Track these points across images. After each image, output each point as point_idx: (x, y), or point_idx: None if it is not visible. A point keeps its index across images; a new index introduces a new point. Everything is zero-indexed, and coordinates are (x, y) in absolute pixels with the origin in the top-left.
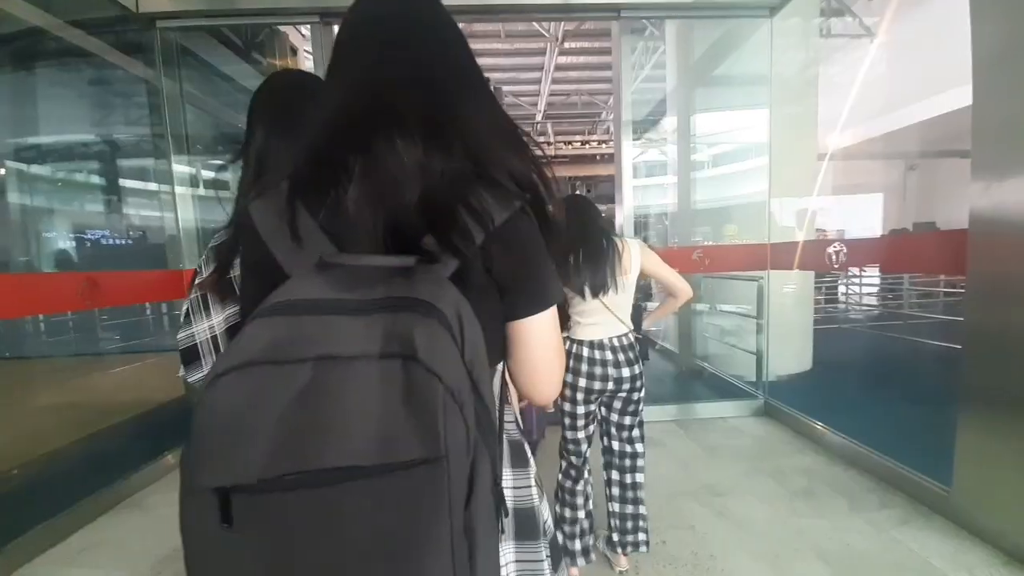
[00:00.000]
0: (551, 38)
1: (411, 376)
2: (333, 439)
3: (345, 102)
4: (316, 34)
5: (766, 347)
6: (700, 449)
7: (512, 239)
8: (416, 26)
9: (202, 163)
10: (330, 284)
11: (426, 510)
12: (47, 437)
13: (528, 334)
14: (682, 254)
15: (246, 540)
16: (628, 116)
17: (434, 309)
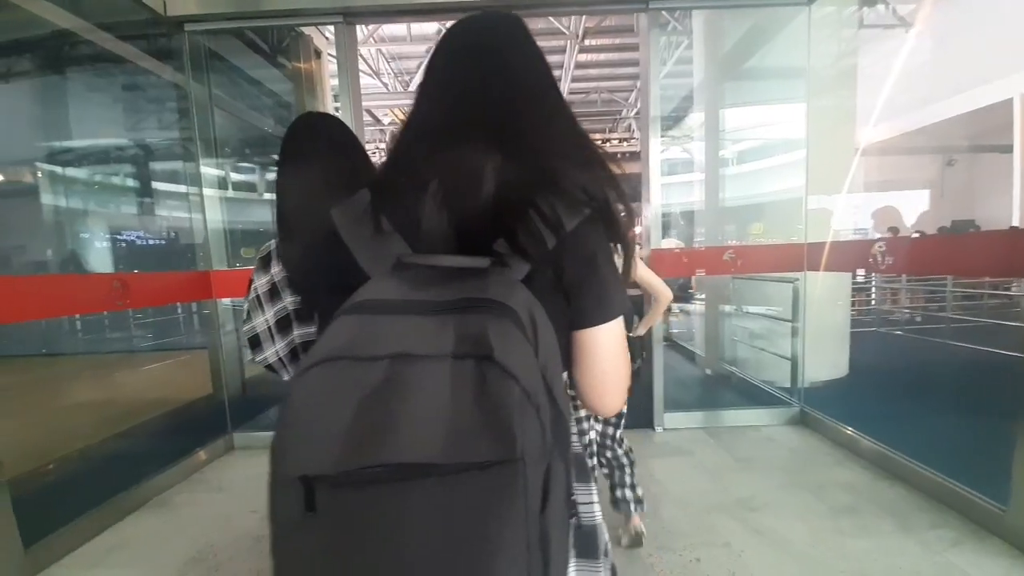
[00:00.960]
0: (571, 35)
1: (486, 376)
2: (406, 435)
3: (429, 117)
4: (340, 35)
5: (802, 352)
6: (732, 460)
7: (581, 246)
8: (500, 52)
9: (231, 166)
10: (406, 284)
11: (500, 513)
12: (76, 435)
13: (595, 343)
14: (712, 254)
15: (327, 528)
16: (656, 111)
17: (508, 309)
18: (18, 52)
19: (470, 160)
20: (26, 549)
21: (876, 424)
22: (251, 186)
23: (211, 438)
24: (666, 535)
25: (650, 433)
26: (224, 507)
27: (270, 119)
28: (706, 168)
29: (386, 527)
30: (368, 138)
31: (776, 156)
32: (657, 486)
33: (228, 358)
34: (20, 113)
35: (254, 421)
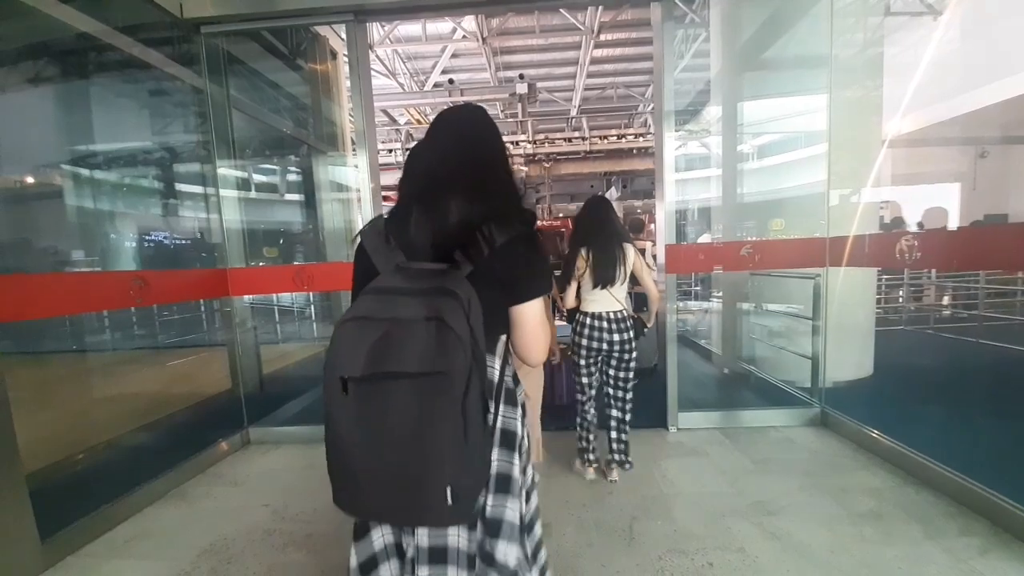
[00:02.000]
0: (587, 30)
1: (439, 330)
2: (395, 357)
3: (419, 172)
4: (351, 33)
5: (823, 350)
6: (749, 462)
7: (507, 255)
8: (467, 131)
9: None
10: (400, 278)
11: (441, 396)
12: (100, 429)
13: (520, 315)
14: (729, 250)
15: (355, 402)
16: (670, 105)
17: (454, 293)
18: (36, 56)
19: (442, 202)
20: (43, 540)
21: (902, 426)
22: (273, 187)
23: (228, 433)
24: (678, 538)
25: (663, 433)
26: (238, 501)
27: (288, 121)
28: (723, 163)
29: (384, 400)
30: (384, 138)
31: (797, 150)
32: (670, 487)
33: (246, 355)
34: (39, 117)
35: (270, 417)
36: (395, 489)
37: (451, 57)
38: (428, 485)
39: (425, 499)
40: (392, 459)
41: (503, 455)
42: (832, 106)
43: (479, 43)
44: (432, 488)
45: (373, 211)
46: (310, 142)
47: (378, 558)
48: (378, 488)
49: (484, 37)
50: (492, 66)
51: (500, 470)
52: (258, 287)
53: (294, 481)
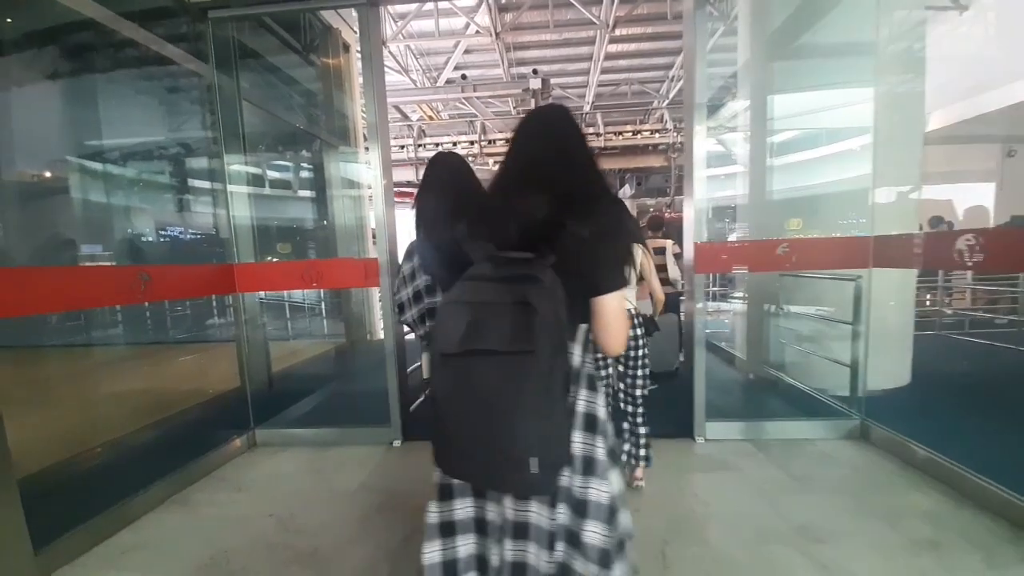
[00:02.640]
0: (602, 25)
1: (525, 312)
2: (485, 337)
3: (509, 172)
4: (364, 18)
5: (864, 357)
6: (787, 478)
7: (590, 249)
8: (553, 134)
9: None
10: (490, 266)
11: (528, 374)
12: (99, 429)
13: (600, 307)
14: (763, 248)
15: (451, 375)
16: (702, 98)
17: (539, 279)
18: (39, 43)
19: (531, 196)
20: (36, 551)
21: (949, 441)
22: (283, 183)
23: (234, 434)
24: (716, 565)
25: (690, 444)
26: (243, 508)
27: (299, 114)
28: (751, 158)
29: (476, 375)
30: (395, 134)
31: (825, 145)
32: (702, 506)
33: (254, 352)
34: (34, 108)
35: (278, 417)
36: (485, 455)
37: (464, 53)
38: (514, 454)
39: (511, 466)
40: (483, 428)
41: (587, 438)
42: (875, 99)
43: (492, 38)
44: (517, 457)
45: (386, 208)
46: (321, 136)
47: (457, 527)
48: (470, 453)
49: (497, 32)
50: (505, 62)
51: (585, 452)
52: (266, 283)
53: (301, 488)
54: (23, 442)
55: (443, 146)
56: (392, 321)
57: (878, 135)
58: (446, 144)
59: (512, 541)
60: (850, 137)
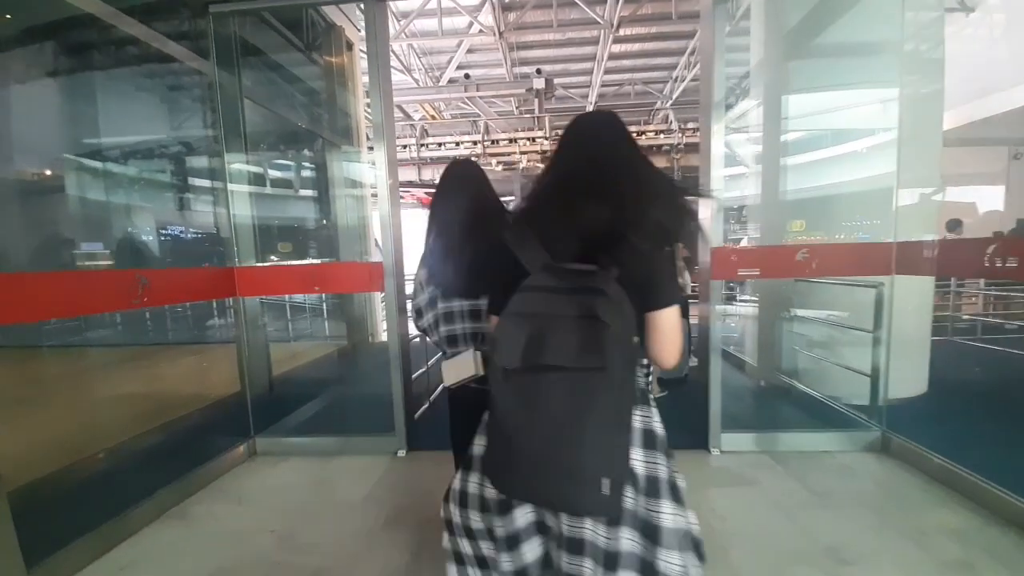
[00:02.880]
0: (606, 24)
1: (595, 326)
2: (550, 351)
3: (562, 178)
4: (370, 12)
5: (885, 366)
6: (807, 493)
7: (650, 261)
8: (602, 137)
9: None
10: (549, 277)
11: (598, 391)
12: (93, 438)
13: (658, 320)
14: (782, 254)
15: (514, 391)
16: (720, 95)
17: (606, 293)
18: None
19: (589, 209)
20: (28, 569)
21: (972, 453)
22: (285, 182)
23: (233, 443)
24: None
25: (705, 456)
26: (242, 523)
27: (301, 113)
28: (763, 159)
29: (542, 391)
30: (398, 133)
31: (845, 145)
32: (720, 522)
33: (254, 355)
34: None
35: (279, 425)
36: (551, 475)
37: (467, 52)
38: (583, 474)
39: (580, 487)
40: (550, 447)
41: (648, 455)
42: (897, 98)
43: (495, 38)
44: (587, 477)
45: (391, 209)
46: (324, 135)
47: (521, 535)
48: (534, 473)
49: (501, 31)
50: (508, 61)
51: (648, 472)
52: (268, 287)
53: (304, 501)
54: (12, 452)
55: (446, 146)
56: (396, 325)
57: (900, 136)
58: (449, 144)
59: (568, 555)
60: (869, 138)
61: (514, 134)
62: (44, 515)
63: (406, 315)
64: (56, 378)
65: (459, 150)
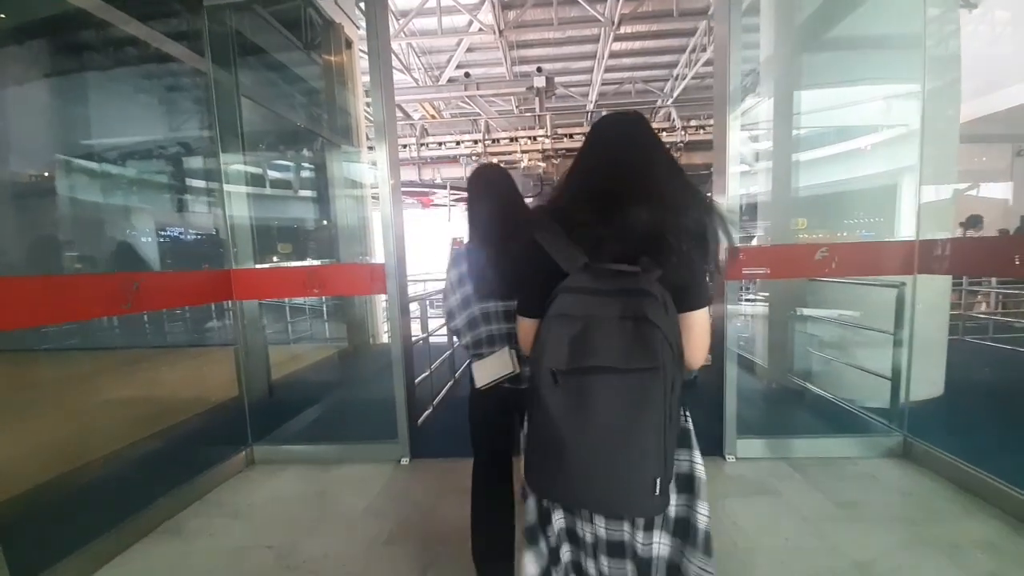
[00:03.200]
0: (606, 22)
1: (642, 327)
2: (598, 353)
3: (592, 179)
4: (370, 9)
5: (907, 368)
6: (831, 504)
7: (689, 262)
8: (633, 138)
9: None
10: (590, 278)
11: (650, 392)
12: (83, 446)
13: (692, 320)
14: (800, 253)
15: (563, 393)
16: (736, 84)
17: (652, 294)
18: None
19: (628, 210)
20: None
21: (997, 458)
22: (283, 183)
23: (230, 452)
24: None
25: (720, 463)
26: (239, 538)
27: (299, 112)
28: (774, 155)
29: (591, 394)
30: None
31: (848, 141)
32: (743, 537)
33: (253, 359)
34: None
35: (279, 431)
36: (602, 478)
37: (466, 51)
38: (636, 476)
39: (632, 489)
40: (602, 450)
41: (683, 454)
42: (909, 95)
43: (495, 36)
44: (640, 479)
45: (393, 209)
46: (323, 134)
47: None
48: (585, 476)
49: (501, 30)
50: (508, 60)
51: (681, 469)
52: (265, 290)
53: (303, 513)
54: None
55: (446, 145)
56: (399, 327)
57: (912, 131)
58: (449, 143)
59: (609, 559)
60: (886, 133)
61: (515, 133)
62: (30, 531)
63: (408, 317)
64: (45, 384)
65: (459, 149)
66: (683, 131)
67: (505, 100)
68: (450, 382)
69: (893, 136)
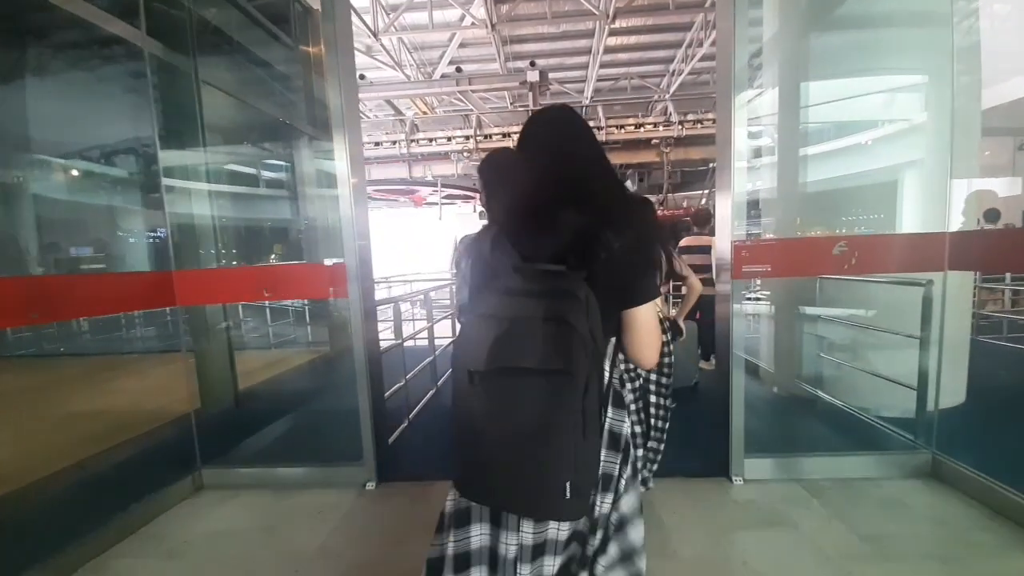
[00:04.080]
0: (601, 16)
1: (560, 329)
2: (517, 354)
3: (524, 181)
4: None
5: (937, 377)
6: (856, 539)
7: (621, 259)
8: (567, 133)
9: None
10: (519, 279)
11: (563, 393)
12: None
13: (632, 319)
14: (817, 248)
15: (480, 394)
16: (743, 74)
17: (573, 294)
18: None
19: (554, 206)
20: None
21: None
22: (245, 177)
23: (172, 478)
24: None
25: (726, 486)
26: None
27: (273, 103)
28: (779, 148)
29: (508, 395)
30: (387, 129)
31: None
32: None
33: (208, 367)
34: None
35: (236, 451)
36: (517, 479)
37: (459, 47)
38: (549, 478)
39: (546, 491)
40: (516, 450)
41: (609, 456)
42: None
43: (488, 30)
44: (553, 482)
45: (355, 211)
46: (293, 123)
47: (472, 558)
48: (500, 477)
49: (493, 24)
50: (501, 56)
51: (605, 470)
52: (213, 294)
53: (246, 553)
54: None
55: (436, 142)
56: (363, 332)
57: (933, 121)
58: (440, 139)
59: (531, 565)
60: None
61: (507, 129)
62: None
63: (375, 322)
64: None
65: (451, 146)
66: (680, 126)
67: (498, 97)
68: (431, 392)
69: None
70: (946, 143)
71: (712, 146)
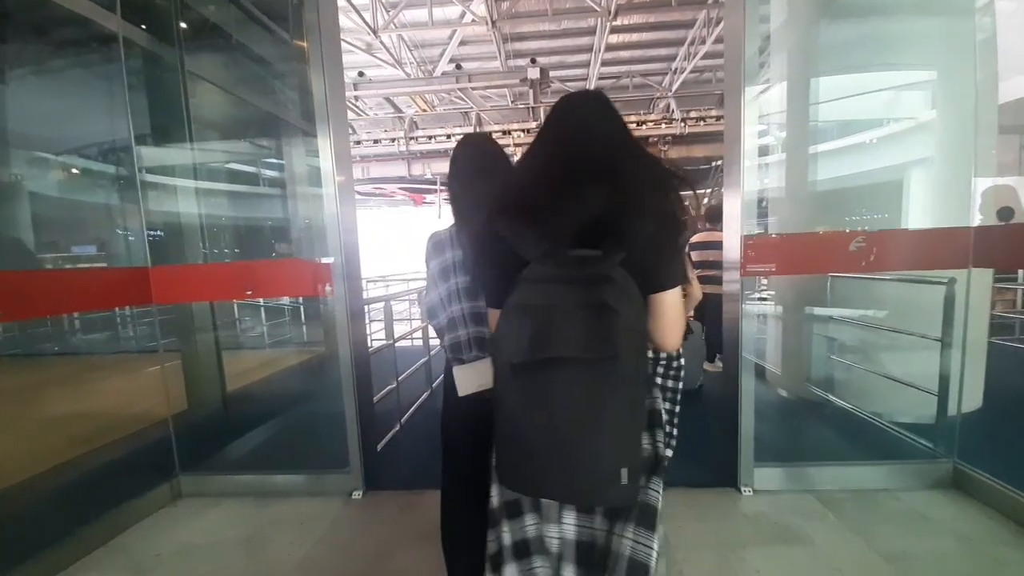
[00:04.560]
0: (603, 12)
1: (603, 315)
2: (559, 343)
3: (549, 163)
4: None
5: (960, 382)
6: (877, 557)
7: (653, 243)
8: (593, 116)
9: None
10: (551, 265)
11: (612, 380)
12: None
13: (659, 303)
14: (832, 243)
15: (524, 387)
16: (753, 66)
17: (613, 279)
18: None
19: (588, 191)
20: None
21: None
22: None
23: (149, 484)
24: None
25: (734, 497)
26: None
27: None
28: (787, 144)
29: (554, 385)
30: (386, 127)
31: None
32: None
33: (194, 369)
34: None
35: (219, 456)
36: (570, 470)
37: (459, 45)
38: (602, 466)
39: (600, 480)
40: (567, 441)
41: (646, 438)
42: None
43: (488, 27)
44: (606, 469)
45: (340, 209)
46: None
47: (531, 546)
48: (552, 468)
49: (494, 21)
50: (502, 53)
51: (647, 452)
52: (191, 292)
53: (227, 566)
54: None
55: (436, 139)
56: (349, 334)
57: (955, 116)
58: (440, 136)
59: (575, 567)
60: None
61: (507, 126)
62: None
63: (363, 323)
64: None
65: (450, 143)
66: (683, 123)
67: (499, 94)
68: (425, 394)
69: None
70: (969, 138)
71: (716, 144)
